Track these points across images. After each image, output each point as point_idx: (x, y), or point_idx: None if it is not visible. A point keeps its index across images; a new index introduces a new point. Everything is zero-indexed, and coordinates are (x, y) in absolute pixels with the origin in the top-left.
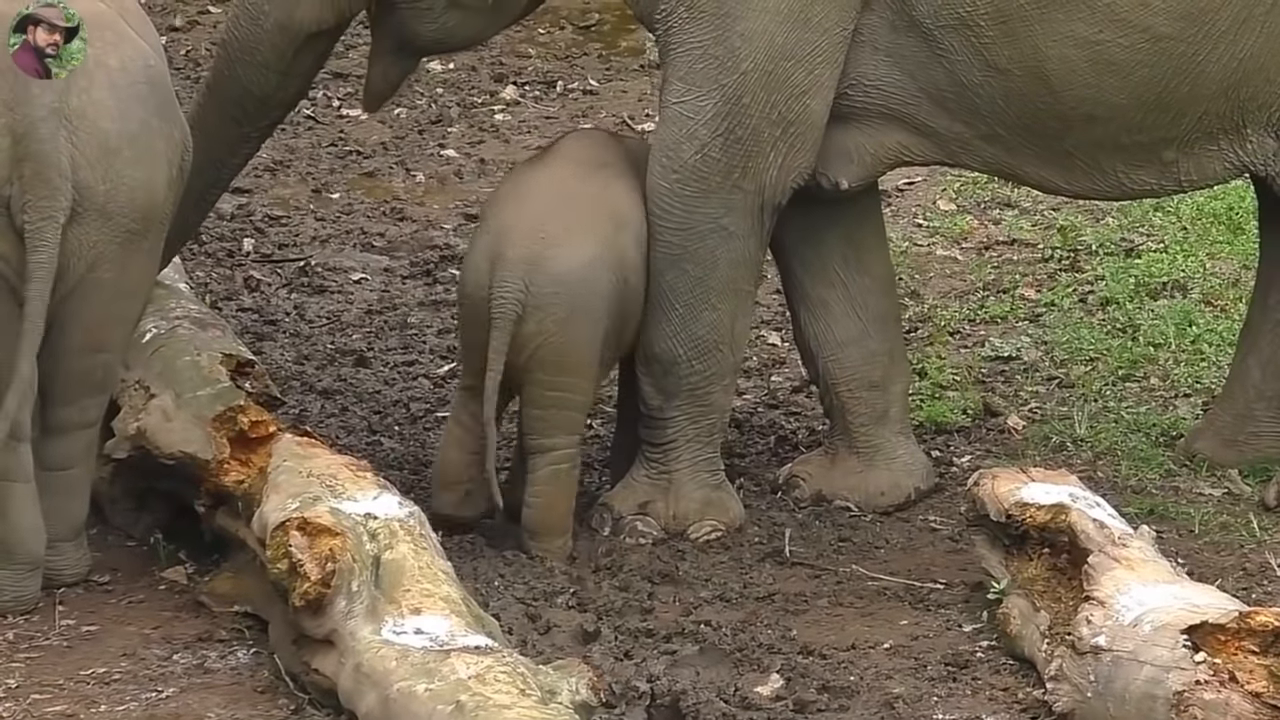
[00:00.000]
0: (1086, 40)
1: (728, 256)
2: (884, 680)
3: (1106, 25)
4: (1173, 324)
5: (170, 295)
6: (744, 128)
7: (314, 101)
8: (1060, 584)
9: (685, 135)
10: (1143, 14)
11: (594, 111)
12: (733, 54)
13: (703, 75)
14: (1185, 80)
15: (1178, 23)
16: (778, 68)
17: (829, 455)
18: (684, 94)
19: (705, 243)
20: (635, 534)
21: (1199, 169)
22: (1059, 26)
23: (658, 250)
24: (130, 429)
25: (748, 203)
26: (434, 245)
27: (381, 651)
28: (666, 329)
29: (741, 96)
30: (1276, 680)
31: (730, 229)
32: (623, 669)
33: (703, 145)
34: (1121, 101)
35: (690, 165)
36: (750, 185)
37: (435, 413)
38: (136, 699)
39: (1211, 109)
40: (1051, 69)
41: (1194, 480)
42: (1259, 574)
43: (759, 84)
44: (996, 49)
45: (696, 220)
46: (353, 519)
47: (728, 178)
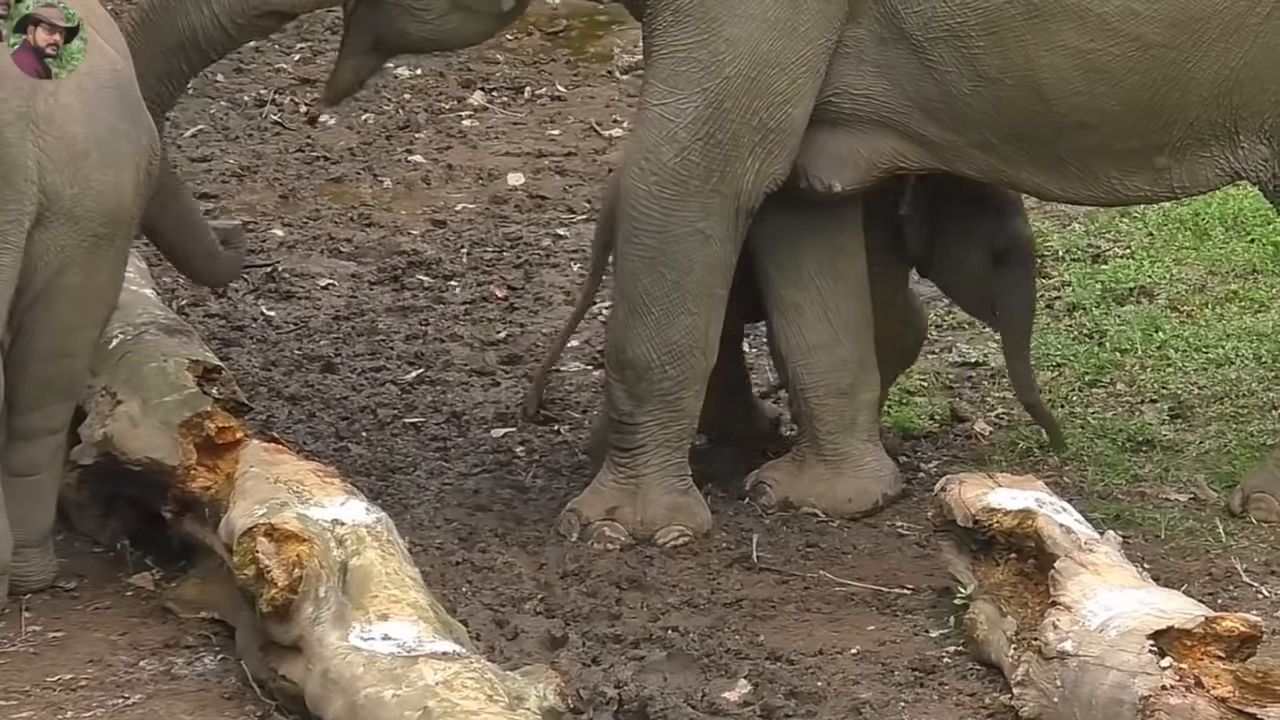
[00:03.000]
0: (1078, 49)
1: (704, 261)
2: (851, 685)
3: (1098, 34)
4: (1139, 329)
5: (137, 301)
6: (724, 132)
7: (281, 108)
8: (1027, 589)
9: (666, 138)
10: (1134, 23)
11: (561, 117)
12: (717, 58)
13: (686, 78)
14: (1176, 88)
15: (1169, 31)
16: (761, 74)
17: (797, 461)
18: (666, 96)
19: (682, 246)
20: (603, 539)
21: (1191, 176)
22: (1050, 37)
23: (633, 253)
24: (97, 435)
25: (725, 207)
26: (401, 251)
27: (349, 657)
28: (641, 333)
29: (724, 101)
30: (1242, 685)
31: (707, 233)
32: (590, 675)
33: (683, 148)
34: (1113, 109)
35: (670, 168)
36: (728, 190)
37: (403, 419)
38: (103, 705)
39: (1203, 116)
40: (1043, 78)
41: (1160, 486)
42: (1225, 579)
43: (742, 90)
44: (987, 59)
45: (674, 223)
46: (320, 525)
47: (706, 181)
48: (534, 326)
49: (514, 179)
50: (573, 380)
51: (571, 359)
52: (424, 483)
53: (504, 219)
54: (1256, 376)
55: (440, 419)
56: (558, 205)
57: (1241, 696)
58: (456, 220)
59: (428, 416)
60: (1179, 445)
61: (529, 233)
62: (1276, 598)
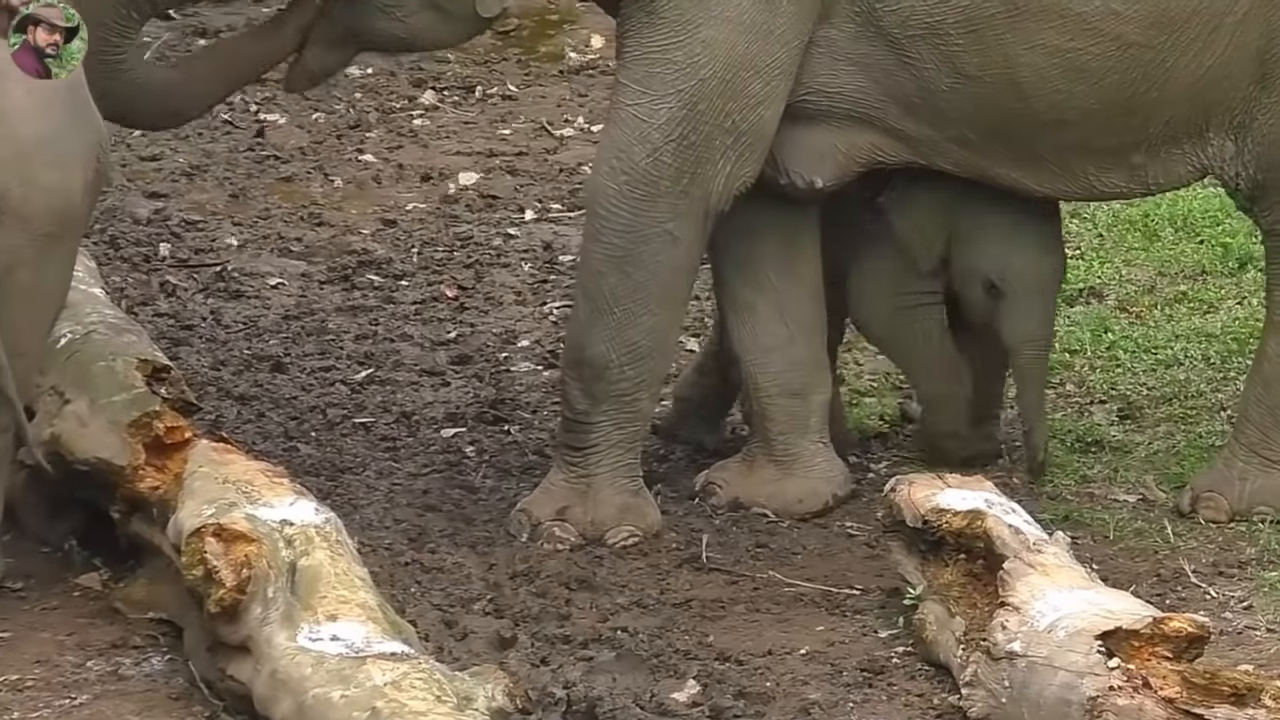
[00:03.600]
0: (1058, 48)
1: (670, 262)
2: (800, 686)
3: (1078, 34)
4: (1088, 330)
5: (86, 300)
6: (698, 134)
7: (231, 106)
8: (976, 590)
9: (638, 138)
10: (1114, 22)
11: (513, 117)
12: (692, 60)
13: (660, 79)
14: (1155, 86)
15: (1148, 30)
16: (736, 77)
17: (747, 462)
18: (640, 97)
19: (650, 247)
20: (553, 539)
21: (1165, 172)
22: (1030, 35)
23: (599, 251)
24: (45, 434)
25: (694, 209)
26: (352, 250)
27: (297, 658)
28: (602, 333)
29: (698, 103)
30: (1190, 686)
31: (675, 234)
32: (539, 675)
33: (655, 149)
34: (1092, 107)
35: (641, 168)
36: (698, 191)
37: (352, 419)
38: (50, 706)
39: (1179, 114)
40: (1022, 76)
41: (1109, 486)
42: (1173, 580)
43: (716, 91)
44: (966, 57)
45: (643, 224)
46: (269, 525)
47: (677, 183)
48: (484, 326)
49: (465, 178)
50: (523, 380)
51: (522, 359)
52: (373, 483)
53: (455, 218)
54: (1205, 378)
55: (390, 419)
56: (509, 205)
57: (1189, 697)
58: (407, 220)
59: (377, 416)
60: (1128, 446)
61: (480, 232)
62: (1224, 598)
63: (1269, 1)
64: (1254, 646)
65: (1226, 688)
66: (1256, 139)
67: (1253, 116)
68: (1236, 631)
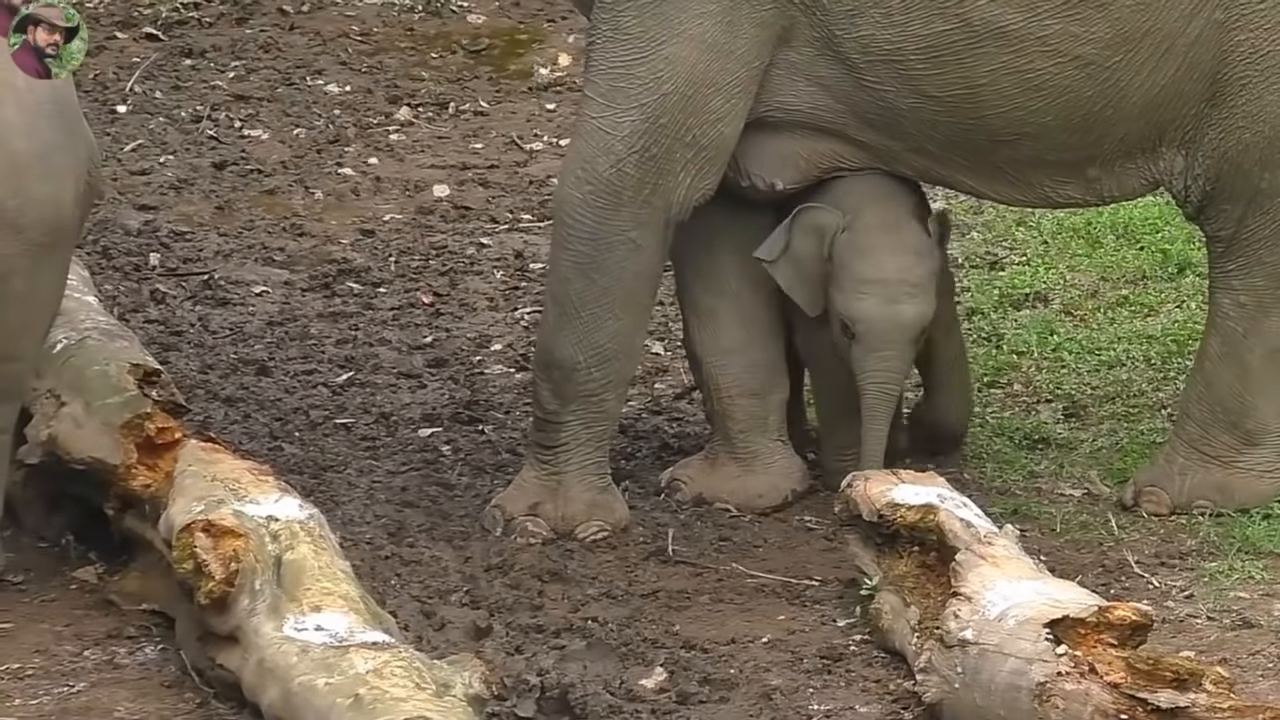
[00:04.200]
0: (1017, 69)
1: (634, 269)
2: (762, 673)
3: (1037, 55)
4: (1035, 333)
5: (80, 307)
6: (659, 146)
7: (216, 123)
8: (929, 580)
9: (602, 149)
10: (1072, 44)
11: (484, 132)
12: (655, 75)
13: (624, 93)
14: (1110, 104)
15: (1104, 50)
16: (698, 93)
17: (710, 460)
18: (604, 110)
19: (614, 254)
20: (526, 534)
21: (1119, 184)
22: (990, 58)
23: (566, 258)
24: (42, 435)
25: (655, 218)
26: (332, 260)
27: (283, 647)
28: (570, 336)
29: (660, 117)
30: (1134, 671)
31: (638, 242)
32: (514, 663)
33: (618, 160)
34: (1049, 123)
35: (604, 179)
36: (659, 202)
37: (334, 419)
38: (49, 693)
39: (1133, 130)
40: (982, 96)
41: (1056, 482)
42: (1117, 570)
43: (678, 107)
44: (926, 80)
45: (606, 231)
46: (255, 521)
47: (639, 193)
48: (459, 331)
49: (439, 190)
50: (496, 383)
51: (494, 362)
52: (354, 480)
53: (430, 229)
54: (1146, 377)
55: (369, 420)
56: (481, 215)
57: (1133, 682)
58: (385, 230)
59: (358, 417)
60: (1073, 443)
61: (454, 242)
62: (1166, 587)
63: (1220, 24)
64: (1195, 634)
65: (1169, 673)
66: (1206, 153)
67: (1203, 132)
68: (1178, 620)
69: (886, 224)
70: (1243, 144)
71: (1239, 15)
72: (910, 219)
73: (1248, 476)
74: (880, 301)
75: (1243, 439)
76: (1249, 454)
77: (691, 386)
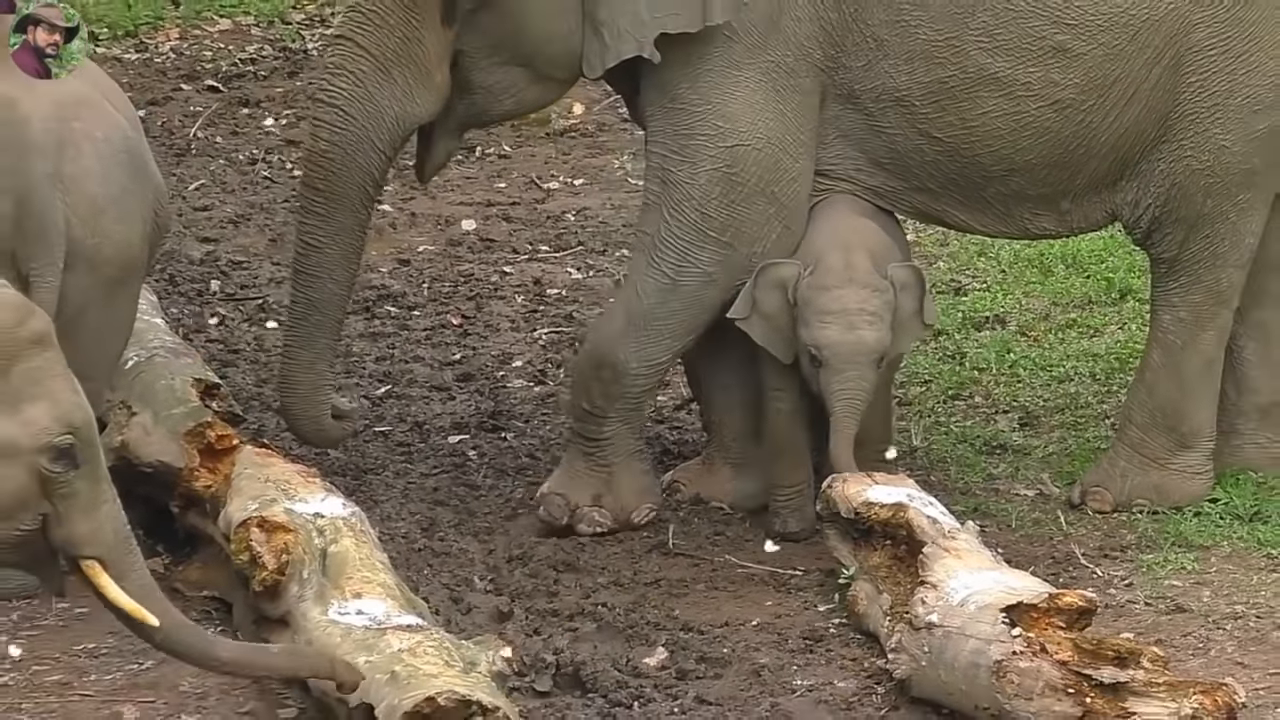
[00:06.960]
0: (1006, 111)
1: (705, 300)
2: (752, 652)
3: (1023, 98)
4: (994, 351)
5: (149, 328)
6: (737, 194)
7: (270, 165)
8: (900, 570)
9: (685, 198)
10: (1053, 89)
11: (507, 172)
12: (719, 131)
13: (693, 149)
14: (1083, 143)
15: (1080, 94)
16: (766, 149)
17: (706, 464)
18: (679, 165)
19: (692, 284)
20: (592, 523)
21: (1085, 216)
22: (983, 101)
23: (651, 276)
24: (115, 442)
25: (735, 260)
26: (372, 286)
27: (328, 629)
28: (631, 345)
29: (732, 167)
30: (1080, 651)
31: (714, 278)
32: (532, 644)
33: (700, 205)
34: (1033, 160)
35: (690, 220)
36: (743, 248)
37: (373, 428)
38: (121, 670)
39: (1101, 166)
40: (977, 136)
41: (1011, 483)
42: (1065, 561)
43: (749, 159)
44: (928, 122)
45: (689, 264)
46: (304, 517)
47: (722, 234)
48: (484, 349)
49: (467, 224)
50: (517, 395)
51: (515, 377)
52: (391, 482)
53: (459, 258)
54: (1092, 391)
55: (405, 428)
56: (504, 247)
57: (1079, 660)
58: (419, 259)
59: (394, 426)
60: (1027, 449)
61: (480, 270)
62: (1109, 577)
63: (1175, 70)
64: (1134, 618)
65: (1111, 652)
66: (1157, 182)
67: (1154, 165)
68: (1119, 605)
69: (844, 265)
70: (1190, 171)
71: (1190, 60)
72: (866, 260)
73: (1181, 478)
74: (842, 329)
75: (1178, 442)
76: (1182, 456)
77: (689, 399)
